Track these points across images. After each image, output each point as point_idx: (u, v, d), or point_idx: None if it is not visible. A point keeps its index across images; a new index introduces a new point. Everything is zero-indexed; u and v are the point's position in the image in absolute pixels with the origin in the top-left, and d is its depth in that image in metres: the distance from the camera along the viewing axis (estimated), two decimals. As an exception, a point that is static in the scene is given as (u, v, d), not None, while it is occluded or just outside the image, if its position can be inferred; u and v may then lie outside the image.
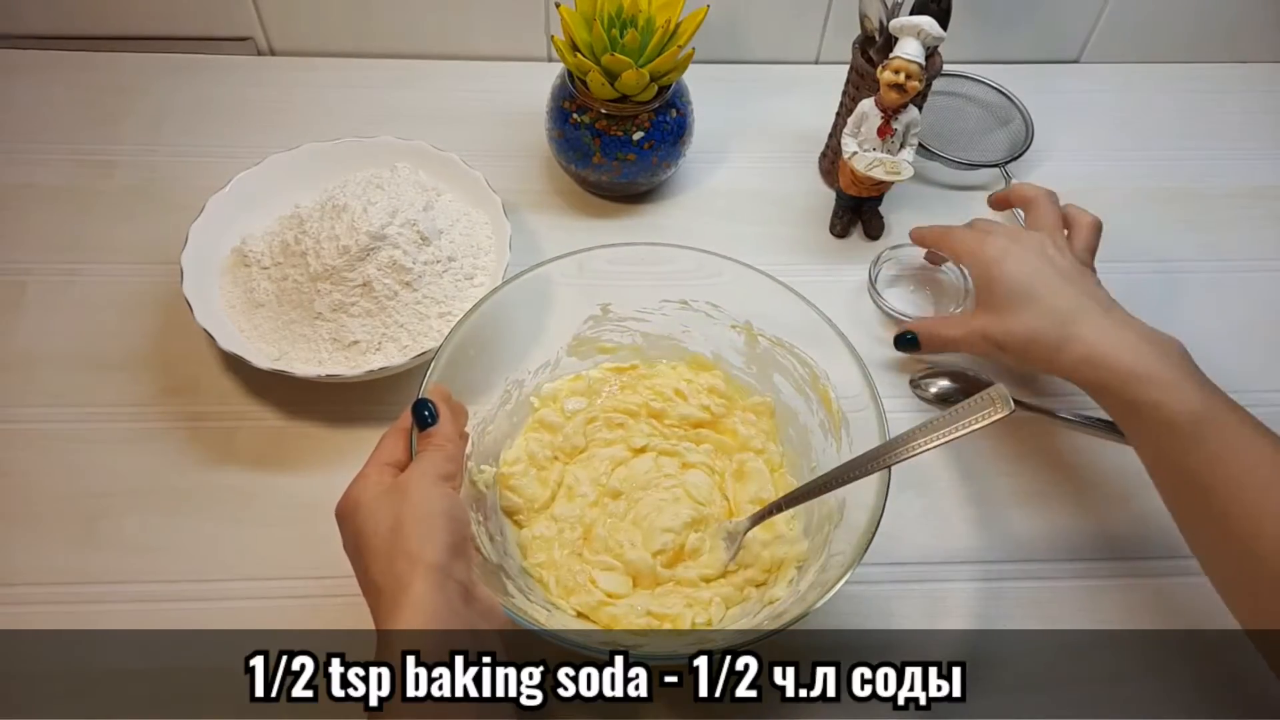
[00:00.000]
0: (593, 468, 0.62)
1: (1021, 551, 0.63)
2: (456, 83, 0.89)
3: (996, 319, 0.62)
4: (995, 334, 0.62)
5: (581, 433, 0.63)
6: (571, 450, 0.63)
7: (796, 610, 0.50)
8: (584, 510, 0.60)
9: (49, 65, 0.87)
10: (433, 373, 0.54)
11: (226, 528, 0.62)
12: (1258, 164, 0.88)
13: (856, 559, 0.50)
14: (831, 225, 0.81)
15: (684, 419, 0.64)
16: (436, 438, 0.49)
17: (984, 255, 0.64)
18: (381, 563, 0.43)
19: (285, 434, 0.66)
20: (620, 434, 0.64)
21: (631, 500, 0.60)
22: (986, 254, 0.64)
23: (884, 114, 0.71)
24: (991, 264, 0.63)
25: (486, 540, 0.56)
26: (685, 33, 0.72)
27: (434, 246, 0.68)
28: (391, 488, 0.46)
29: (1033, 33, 0.93)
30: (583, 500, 0.61)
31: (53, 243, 0.75)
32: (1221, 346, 0.75)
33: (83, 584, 0.59)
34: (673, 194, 0.83)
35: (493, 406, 0.62)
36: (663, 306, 0.65)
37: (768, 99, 0.90)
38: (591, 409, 0.64)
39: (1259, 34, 0.95)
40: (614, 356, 0.67)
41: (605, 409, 0.64)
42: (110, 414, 0.66)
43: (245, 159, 0.74)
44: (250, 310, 0.68)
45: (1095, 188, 0.85)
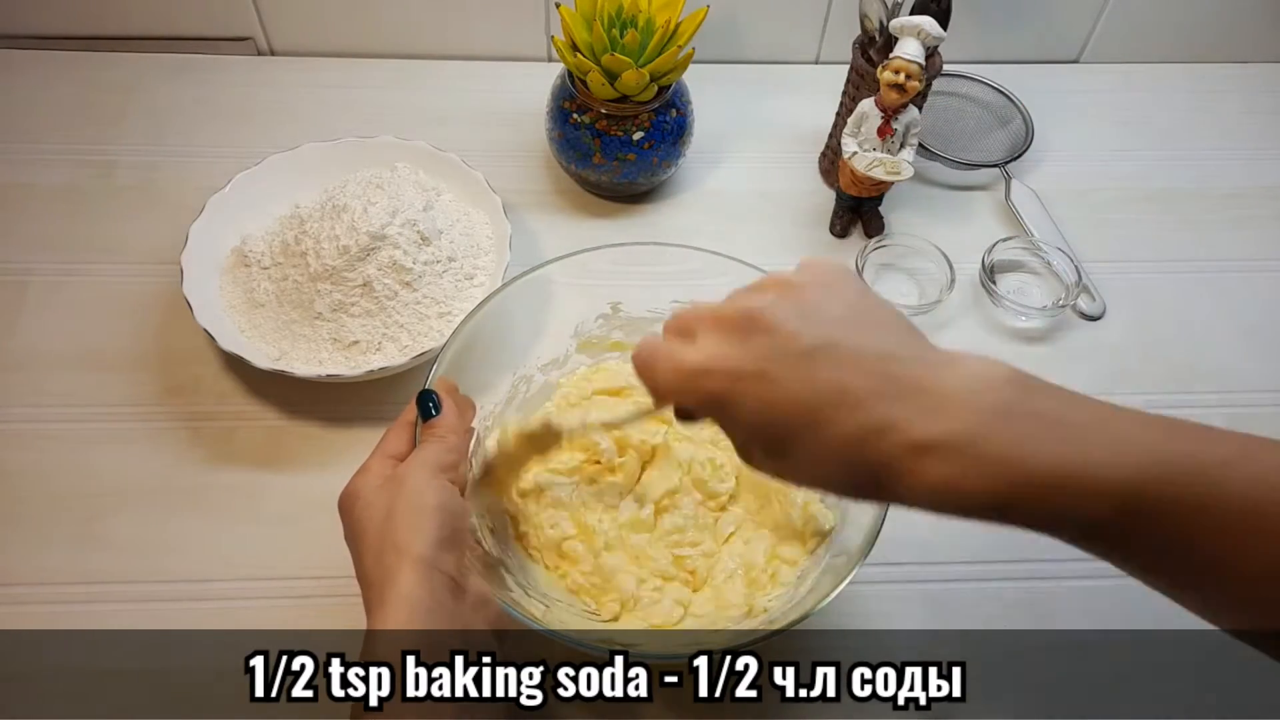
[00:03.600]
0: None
1: (1021, 551, 0.63)
2: (456, 83, 0.89)
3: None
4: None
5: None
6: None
7: (797, 613, 0.49)
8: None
9: (49, 65, 0.87)
10: (439, 366, 0.54)
11: (226, 528, 0.62)
12: (1258, 164, 0.88)
13: (859, 560, 0.50)
14: (831, 225, 0.81)
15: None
16: (439, 429, 0.49)
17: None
18: (373, 554, 0.43)
19: (285, 434, 0.66)
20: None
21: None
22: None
23: (884, 114, 0.71)
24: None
25: (487, 533, 0.56)
26: (685, 33, 0.72)
27: (434, 246, 0.68)
28: (389, 479, 0.46)
29: (1033, 33, 0.93)
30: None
31: (53, 243, 0.75)
32: (1222, 346, 0.75)
33: (82, 584, 0.59)
34: (673, 194, 0.83)
35: (500, 402, 0.62)
36: (672, 306, 0.65)
37: (768, 99, 0.90)
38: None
39: (1259, 34, 0.95)
40: (624, 354, 0.66)
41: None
42: (110, 414, 0.66)
43: (245, 159, 0.74)
44: (250, 310, 0.68)
45: (1095, 188, 0.85)
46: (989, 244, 0.76)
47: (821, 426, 0.36)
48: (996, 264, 0.76)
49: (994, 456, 0.34)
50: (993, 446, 0.35)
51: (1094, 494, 0.34)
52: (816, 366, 0.37)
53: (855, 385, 0.36)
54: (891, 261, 0.78)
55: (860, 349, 0.37)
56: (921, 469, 0.35)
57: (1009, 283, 0.77)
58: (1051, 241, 0.78)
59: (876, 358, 0.37)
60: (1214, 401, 0.71)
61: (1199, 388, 0.72)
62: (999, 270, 0.77)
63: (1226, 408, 0.71)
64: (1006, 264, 0.78)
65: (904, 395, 0.36)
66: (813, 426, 0.37)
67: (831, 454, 0.37)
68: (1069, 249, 0.78)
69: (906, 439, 0.35)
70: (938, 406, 0.35)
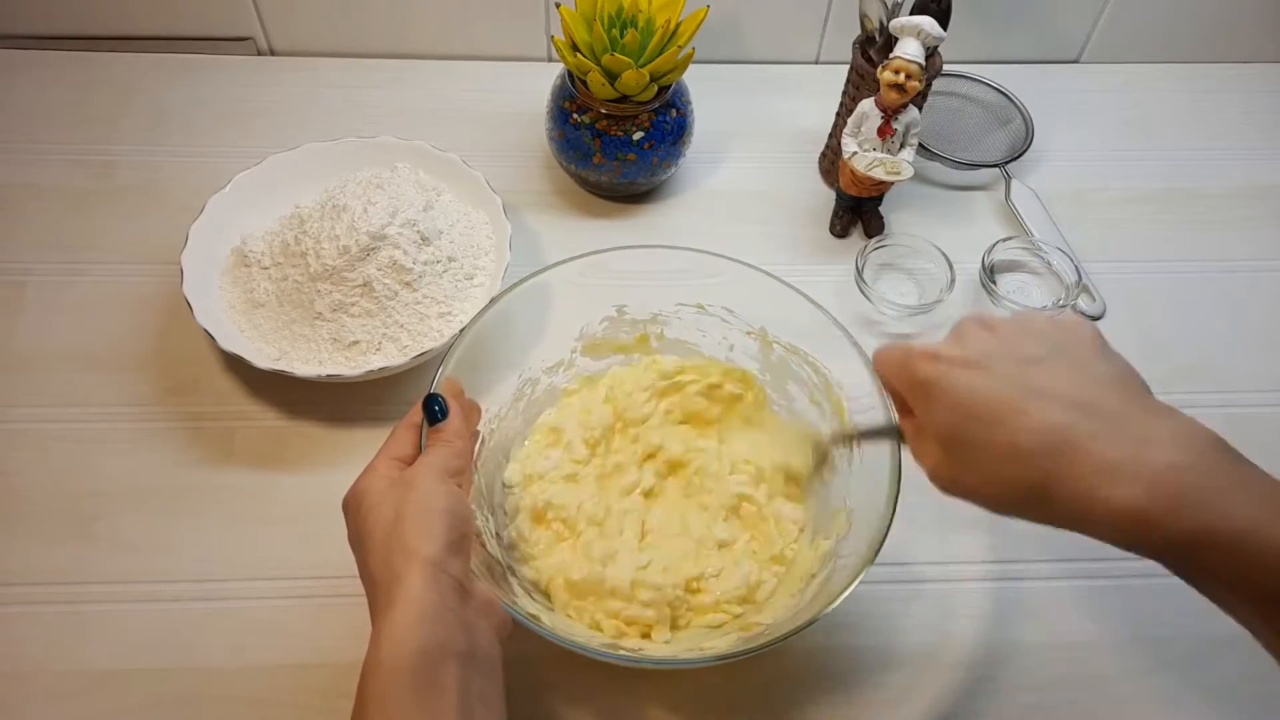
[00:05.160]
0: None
1: (1023, 552, 0.63)
2: (456, 83, 0.89)
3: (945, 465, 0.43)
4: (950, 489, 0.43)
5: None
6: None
7: (801, 619, 0.49)
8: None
9: (49, 65, 0.87)
10: (445, 369, 0.54)
11: (226, 528, 0.62)
12: (1258, 164, 0.88)
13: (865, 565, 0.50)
14: (831, 225, 0.81)
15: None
16: (445, 433, 0.49)
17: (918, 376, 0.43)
18: (379, 555, 0.43)
19: (285, 434, 0.66)
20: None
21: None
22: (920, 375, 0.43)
23: (884, 114, 0.71)
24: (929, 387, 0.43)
25: (492, 537, 0.56)
26: (685, 33, 0.72)
27: (434, 246, 0.68)
28: (396, 481, 0.46)
29: (1033, 33, 0.93)
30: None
31: (53, 243, 0.75)
32: (1222, 347, 0.75)
33: (83, 584, 0.59)
34: (673, 194, 0.83)
35: (505, 404, 0.62)
36: (679, 310, 0.65)
37: (768, 99, 0.90)
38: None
39: (1259, 34, 0.95)
40: (628, 357, 0.67)
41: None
42: (110, 414, 0.66)
43: (245, 159, 0.74)
44: (250, 310, 0.68)
45: (1095, 188, 0.85)
46: (989, 244, 0.76)
47: (1018, 419, 0.39)
48: (996, 264, 0.76)
49: (1191, 498, 0.36)
50: (1192, 489, 0.36)
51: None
52: (1032, 371, 0.40)
53: (1065, 394, 0.39)
54: (891, 261, 0.78)
55: (1081, 370, 0.40)
56: (1107, 490, 0.36)
57: (1009, 283, 0.77)
58: (1051, 241, 0.78)
59: (1093, 381, 0.40)
60: (1214, 401, 0.71)
61: (1199, 388, 0.72)
62: (999, 270, 0.77)
63: (1226, 408, 0.71)
64: (1006, 264, 0.78)
65: (1110, 419, 0.38)
66: (1009, 418, 0.39)
67: (1015, 449, 0.38)
68: (1069, 249, 0.78)
69: (1102, 457, 0.37)
70: (1140, 437, 0.37)
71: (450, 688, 0.40)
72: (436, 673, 0.40)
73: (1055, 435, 0.38)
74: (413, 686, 0.39)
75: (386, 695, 0.39)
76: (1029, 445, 0.38)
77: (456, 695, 0.40)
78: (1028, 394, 0.39)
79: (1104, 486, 0.37)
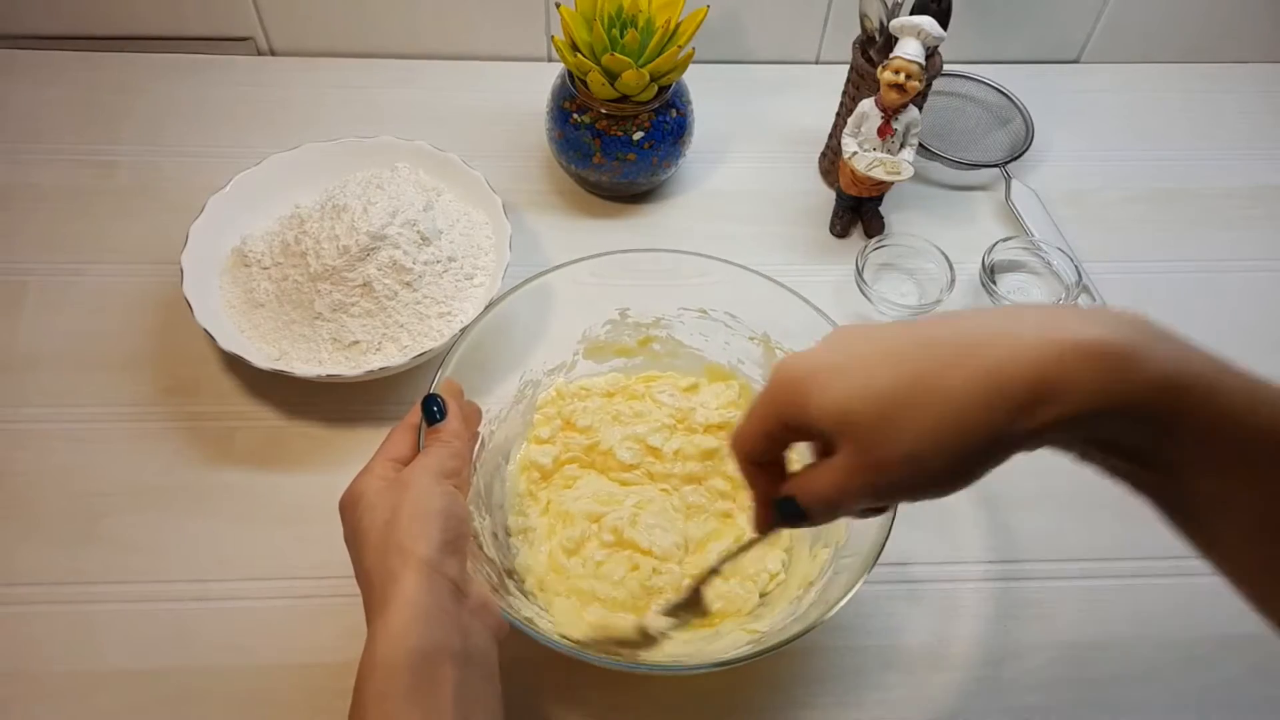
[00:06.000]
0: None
1: (1024, 552, 0.63)
2: (456, 83, 0.89)
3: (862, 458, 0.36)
4: (874, 481, 0.36)
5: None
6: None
7: (799, 626, 0.49)
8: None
9: (49, 65, 0.87)
10: (444, 370, 0.54)
11: (226, 528, 0.62)
12: (1258, 164, 0.88)
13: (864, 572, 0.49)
14: (831, 225, 0.81)
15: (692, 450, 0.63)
16: (444, 434, 0.49)
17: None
18: (375, 556, 0.43)
19: (285, 434, 0.66)
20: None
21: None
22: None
23: (884, 114, 0.71)
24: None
25: (489, 538, 0.56)
26: (685, 33, 0.72)
27: (434, 246, 0.68)
28: (393, 482, 0.46)
29: (1033, 33, 0.93)
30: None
31: (53, 243, 0.75)
32: (1222, 346, 0.74)
33: (83, 584, 0.59)
34: (673, 194, 0.83)
35: (505, 405, 0.62)
36: (681, 315, 0.65)
37: (768, 99, 0.90)
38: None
39: (1259, 34, 0.95)
40: (629, 361, 0.66)
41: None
42: (110, 414, 0.66)
43: (245, 159, 0.74)
44: (250, 310, 0.68)
45: (1095, 188, 0.85)
46: (989, 244, 0.76)
47: (964, 362, 0.33)
48: (996, 264, 0.76)
49: (1159, 358, 0.33)
50: (1155, 351, 0.34)
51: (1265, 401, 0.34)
52: (932, 326, 0.36)
53: (984, 324, 0.34)
54: (891, 261, 0.78)
55: (973, 315, 0.36)
56: (1082, 374, 0.32)
57: (1009, 283, 0.77)
58: (1051, 241, 0.78)
59: (992, 313, 0.35)
60: (1214, 401, 0.71)
61: (1199, 388, 0.72)
62: (999, 270, 0.77)
63: (1226, 408, 0.71)
64: (1006, 264, 0.78)
65: (1045, 317, 0.34)
66: (955, 364, 0.34)
67: (974, 390, 0.33)
68: (1069, 249, 0.78)
69: (1073, 339, 0.32)
70: (1090, 317, 0.33)
71: (446, 688, 0.40)
72: (432, 673, 0.40)
73: (1011, 351, 0.33)
74: (408, 687, 0.39)
75: (383, 695, 0.39)
76: (981, 379, 0.33)
77: (452, 696, 0.40)
78: (899, 333, 0.36)
79: (1082, 375, 0.32)
